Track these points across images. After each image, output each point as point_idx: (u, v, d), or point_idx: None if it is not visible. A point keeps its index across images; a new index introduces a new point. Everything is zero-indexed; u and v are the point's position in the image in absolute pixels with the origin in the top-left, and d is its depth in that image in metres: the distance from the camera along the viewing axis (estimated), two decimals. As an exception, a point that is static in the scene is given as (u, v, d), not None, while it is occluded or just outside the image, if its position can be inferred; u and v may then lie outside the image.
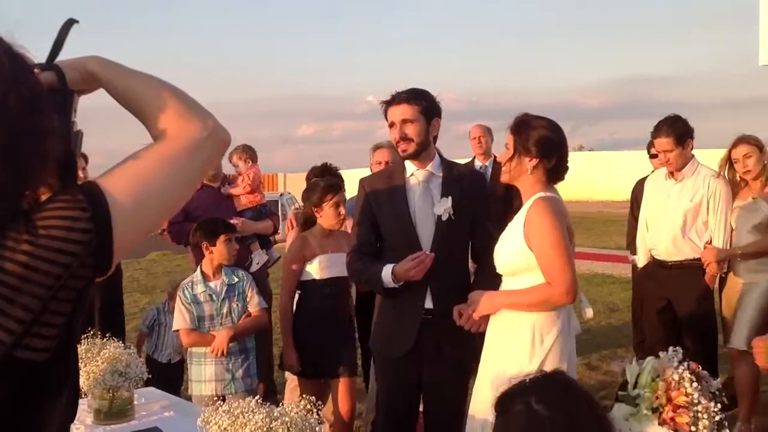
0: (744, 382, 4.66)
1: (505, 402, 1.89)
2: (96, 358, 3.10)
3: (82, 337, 3.13)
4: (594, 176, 30.11)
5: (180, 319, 4.23)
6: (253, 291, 4.41)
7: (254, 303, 4.41)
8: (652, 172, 6.93)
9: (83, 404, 3.05)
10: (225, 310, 4.30)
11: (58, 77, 1.29)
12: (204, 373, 4.21)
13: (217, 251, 4.33)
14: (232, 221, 5.40)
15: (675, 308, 4.90)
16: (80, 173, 4.86)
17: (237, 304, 4.33)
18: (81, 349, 3.03)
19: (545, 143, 3.03)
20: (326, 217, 4.33)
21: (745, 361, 4.50)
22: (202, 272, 4.33)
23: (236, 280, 4.39)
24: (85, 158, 5.16)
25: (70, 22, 1.34)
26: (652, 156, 6.80)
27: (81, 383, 2.92)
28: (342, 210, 4.29)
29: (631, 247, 7.00)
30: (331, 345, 4.29)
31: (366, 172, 4.45)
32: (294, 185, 38.38)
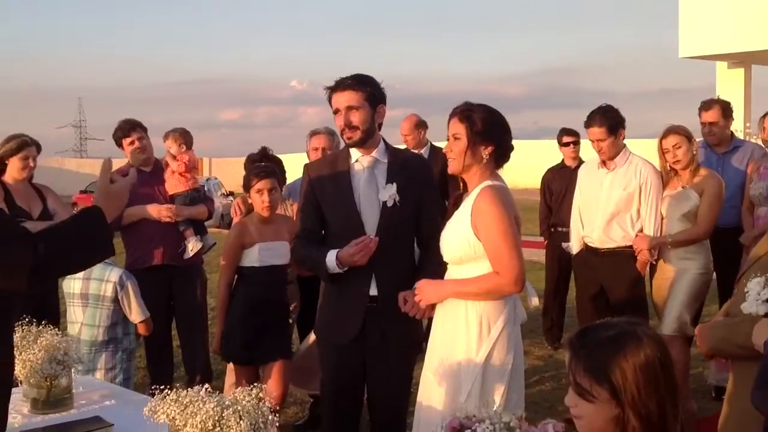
0: (675, 366, 4.81)
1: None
2: (32, 346, 3.00)
3: (16, 324, 3.01)
4: (517, 165, 30.55)
5: (145, 308, 4.31)
6: None
7: None
8: (562, 161, 7.14)
9: (18, 393, 2.94)
10: None
11: None
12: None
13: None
14: (165, 206, 5.29)
15: (607, 294, 5.03)
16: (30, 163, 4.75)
17: None
18: (16, 336, 2.91)
19: (498, 129, 3.06)
20: (253, 202, 4.31)
21: (676, 346, 4.65)
22: None
23: None
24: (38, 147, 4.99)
25: None
26: (564, 145, 7.02)
27: (17, 372, 2.82)
28: (266, 197, 4.24)
29: (545, 234, 7.21)
30: (266, 333, 4.27)
31: (298, 158, 4.43)
32: (219, 170, 37.91)
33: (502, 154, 3.09)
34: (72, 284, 4.21)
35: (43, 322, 3.19)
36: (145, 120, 5.59)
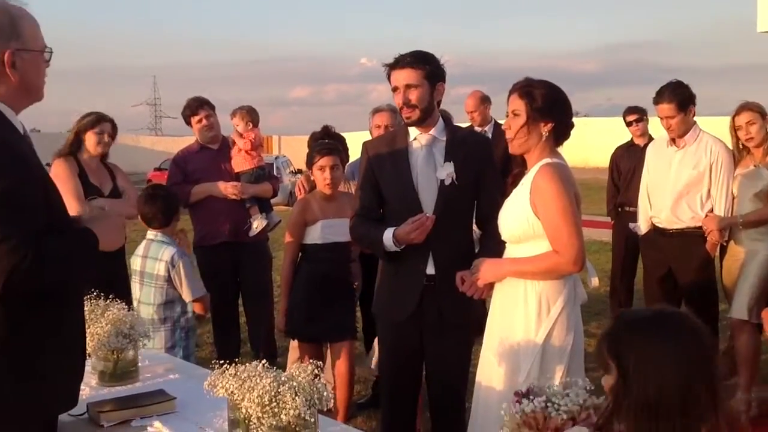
0: (744, 351, 4.67)
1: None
2: (100, 320, 3.09)
3: (85, 299, 3.12)
4: (590, 142, 30.01)
5: (202, 286, 4.32)
6: None
7: None
8: (630, 139, 6.95)
9: (87, 366, 3.04)
10: None
11: None
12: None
13: (180, 221, 4.46)
14: (231, 184, 5.38)
15: (675, 276, 4.91)
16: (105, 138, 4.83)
17: None
18: (85, 311, 3.01)
19: (559, 105, 3.00)
20: (316, 179, 4.34)
21: (746, 331, 4.53)
22: None
23: None
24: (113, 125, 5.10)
25: None
26: (629, 123, 6.82)
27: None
28: (328, 174, 4.26)
29: (611, 214, 7.04)
30: (329, 309, 4.31)
31: (365, 135, 4.43)
32: (288, 148, 38.30)
33: (562, 131, 3.02)
34: (134, 261, 4.32)
35: (110, 296, 3.29)
36: (216, 98, 5.68)
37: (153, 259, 4.22)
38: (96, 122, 4.88)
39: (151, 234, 4.31)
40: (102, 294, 3.26)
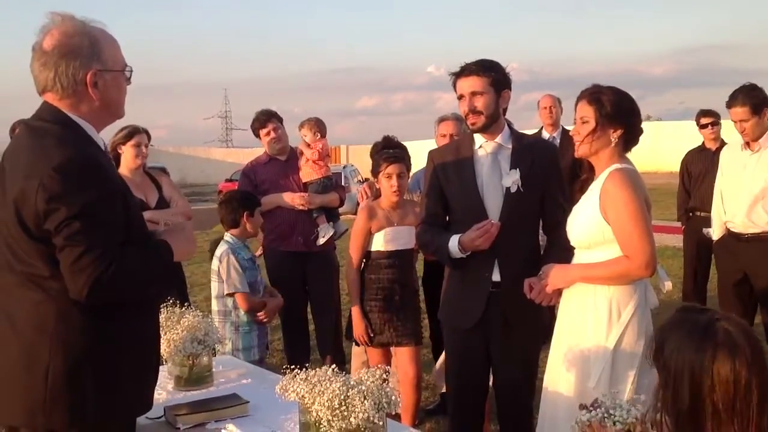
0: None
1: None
2: (176, 327, 3.19)
3: (162, 306, 3.23)
4: (662, 146, 29.33)
5: (238, 283, 4.40)
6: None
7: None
8: (702, 143, 6.77)
9: (164, 371, 3.15)
10: (259, 279, 4.59)
11: None
12: (252, 340, 4.46)
13: (254, 221, 4.58)
14: (298, 194, 5.47)
15: (751, 281, 4.79)
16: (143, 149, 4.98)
17: (261, 276, 4.64)
18: (161, 317, 3.12)
19: (628, 111, 2.98)
20: (381, 188, 4.38)
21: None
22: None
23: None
24: (148, 135, 5.21)
25: None
26: (702, 127, 6.64)
27: (162, 350, 3.01)
28: (395, 181, 4.29)
29: (682, 218, 6.87)
30: (395, 315, 4.34)
31: (430, 144, 4.45)
32: (356, 157, 38.58)
33: (631, 137, 3.00)
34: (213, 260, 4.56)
35: (186, 304, 3.40)
36: (286, 109, 5.85)
37: (215, 257, 4.50)
38: (131, 135, 4.97)
39: (226, 235, 4.58)
40: (178, 301, 3.36)
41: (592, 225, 2.94)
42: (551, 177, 3.48)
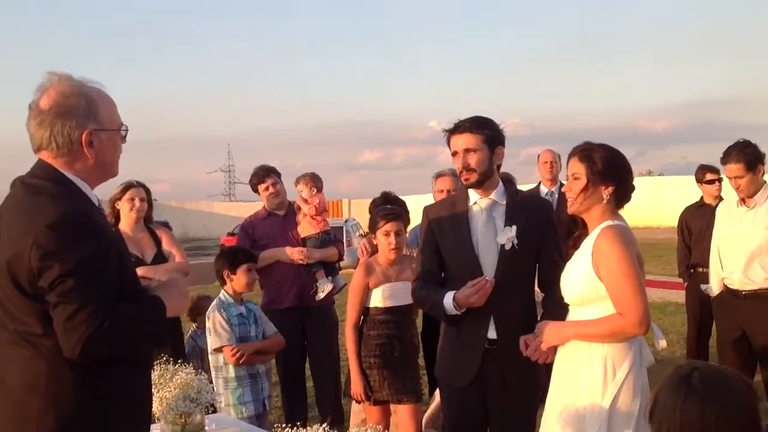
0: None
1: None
2: (168, 384, 3.17)
3: (155, 363, 3.21)
4: (664, 201, 29.43)
5: (224, 337, 4.41)
6: (265, 317, 4.75)
7: (270, 327, 4.71)
8: (701, 198, 6.76)
9: (156, 429, 3.11)
10: (253, 334, 4.56)
11: None
12: (243, 396, 4.42)
13: (237, 279, 4.55)
14: (297, 249, 5.49)
15: (750, 338, 4.76)
16: (137, 203, 4.98)
17: (259, 329, 4.62)
18: (154, 375, 3.10)
19: (619, 168, 3.01)
20: (379, 245, 4.39)
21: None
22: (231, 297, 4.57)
23: (253, 307, 4.70)
24: (146, 189, 5.26)
25: None
26: (707, 182, 6.60)
27: (154, 408, 2.98)
28: (393, 239, 4.30)
29: (683, 275, 6.82)
30: (394, 372, 4.30)
31: (431, 199, 4.48)
32: (358, 211, 38.72)
33: (622, 194, 3.02)
34: None
35: (180, 360, 3.38)
36: (289, 164, 5.90)
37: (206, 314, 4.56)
38: (125, 190, 5.05)
39: (221, 291, 4.64)
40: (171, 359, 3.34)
41: (584, 282, 2.95)
42: (546, 234, 3.49)
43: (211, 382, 3.54)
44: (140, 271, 4.71)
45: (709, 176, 6.63)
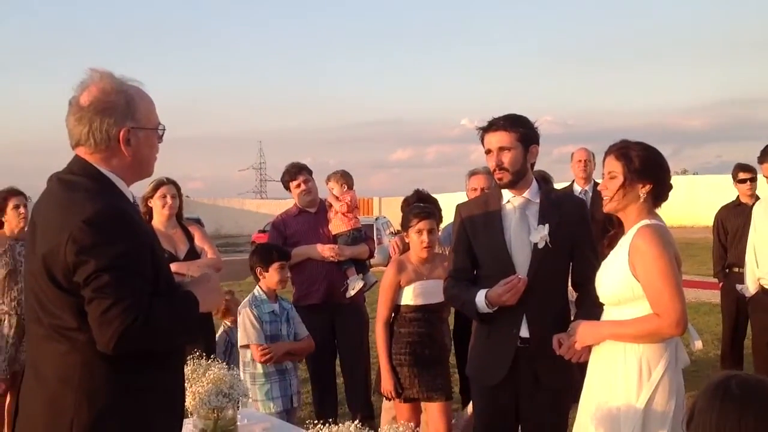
0: None
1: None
2: (201, 379, 3.19)
3: (188, 358, 3.23)
4: (699, 200, 29.09)
5: (252, 335, 4.43)
6: (298, 318, 4.74)
7: (303, 330, 4.71)
8: (737, 198, 6.66)
9: (189, 424, 3.13)
10: (284, 332, 4.57)
11: None
12: (270, 392, 4.43)
13: (269, 277, 4.57)
14: (328, 246, 5.50)
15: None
16: (168, 200, 4.99)
17: (291, 328, 4.62)
18: (187, 369, 3.12)
19: (656, 167, 2.97)
20: (411, 243, 4.38)
21: None
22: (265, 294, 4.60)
23: (287, 306, 4.70)
24: (177, 186, 5.35)
25: None
26: (740, 182, 6.52)
27: (187, 403, 3.00)
28: (425, 237, 4.29)
29: (719, 275, 6.73)
30: (424, 370, 4.30)
31: (463, 197, 4.45)
32: (389, 209, 38.77)
33: (660, 192, 2.98)
34: None
35: (212, 356, 3.40)
36: (321, 162, 5.99)
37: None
38: (156, 188, 5.13)
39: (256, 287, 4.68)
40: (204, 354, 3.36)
41: (621, 281, 2.91)
42: (580, 232, 3.46)
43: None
44: (173, 267, 4.76)
45: (741, 175, 6.55)
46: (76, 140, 2.35)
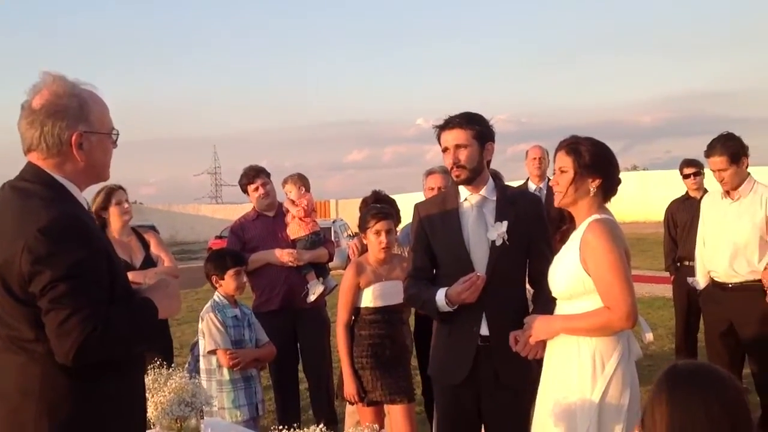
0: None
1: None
2: (163, 389, 3.16)
3: (149, 368, 3.20)
4: (650, 196, 29.55)
5: (219, 340, 4.40)
6: (259, 324, 4.74)
7: (263, 336, 4.70)
8: (686, 192, 6.83)
9: (151, 434, 3.10)
10: (247, 337, 4.55)
11: None
12: (238, 399, 4.40)
13: (226, 284, 4.55)
14: (287, 251, 5.47)
15: (737, 331, 4.79)
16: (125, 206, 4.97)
17: (252, 334, 4.61)
18: (148, 380, 3.09)
19: (605, 162, 3.03)
20: (369, 244, 4.39)
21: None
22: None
23: (247, 311, 4.69)
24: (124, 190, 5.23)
25: None
26: (685, 177, 6.69)
27: (149, 414, 2.97)
28: (383, 238, 4.31)
29: (670, 268, 6.88)
30: (387, 372, 4.31)
31: (420, 197, 4.49)
32: (346, 211, 38.73)
33: (609, 187, 3.05)
34: None
35: (172, 365, 3.37)
36: (276, 164, 5.94)
37: (200, 315, 4.57)
38: (109, 195, 5.02)
39: (215, 293, 4.64)
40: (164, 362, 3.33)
41: (572, 276, 2.96)
42: (536, 229, 3.50)
43: None
44: (130, 275, 4.69)
45: (686, 170, 6.71)
46: (28, 145, 2.31)
